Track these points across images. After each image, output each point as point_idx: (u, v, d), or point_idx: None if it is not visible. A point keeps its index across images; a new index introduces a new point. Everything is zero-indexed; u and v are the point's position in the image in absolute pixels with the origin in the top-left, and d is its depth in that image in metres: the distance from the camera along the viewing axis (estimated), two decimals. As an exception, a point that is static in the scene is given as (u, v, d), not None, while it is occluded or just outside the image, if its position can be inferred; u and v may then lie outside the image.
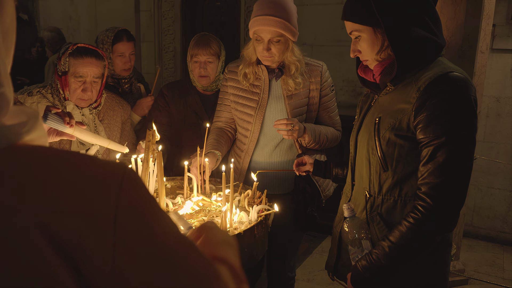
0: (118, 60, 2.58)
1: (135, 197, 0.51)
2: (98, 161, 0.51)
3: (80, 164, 0.50)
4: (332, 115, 2.24)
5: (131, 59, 2.63)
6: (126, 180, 0.50)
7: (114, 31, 2.56)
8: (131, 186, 0.50)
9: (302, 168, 1.98)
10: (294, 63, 2.07)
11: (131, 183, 0.50)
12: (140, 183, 0.52)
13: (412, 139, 1.39)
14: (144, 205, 0.51)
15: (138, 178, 0.53)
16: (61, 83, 2.04)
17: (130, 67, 2.63)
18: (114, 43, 2.55)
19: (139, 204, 0.50)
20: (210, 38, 2.44)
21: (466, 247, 3.86)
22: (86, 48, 2.04)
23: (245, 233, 1.52)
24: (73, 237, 0.45)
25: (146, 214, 0.51)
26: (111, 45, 2.54)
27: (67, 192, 0.47)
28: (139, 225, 0.50)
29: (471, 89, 1.35)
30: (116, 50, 2.56)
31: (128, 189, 0.50)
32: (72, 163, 0.50)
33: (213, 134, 2.25)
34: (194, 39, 2.46)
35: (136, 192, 0.51)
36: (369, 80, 1.59)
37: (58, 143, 2.04)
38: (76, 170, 0.49)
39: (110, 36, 2.54)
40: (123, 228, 0.47)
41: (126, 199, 0.49)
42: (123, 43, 2.56)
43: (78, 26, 5.69)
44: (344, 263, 1.63)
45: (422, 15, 1.40)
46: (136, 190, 0.51)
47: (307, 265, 3.55)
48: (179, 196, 1.91)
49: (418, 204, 1.36)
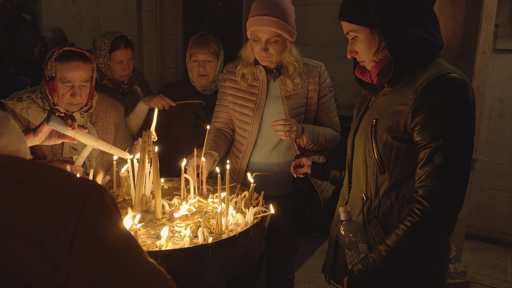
0: (116, 66, 2.57)
1: (96, 223, 0.48)
2: (62, 186, 0.49)
3: (41, 186, 0.47)
4: (331, 115, 2.23)
5: (129, 65, 2.62)
6: (89, 206, 0.47)
7: (112, 38, 2.52)
8: (92, 213, 0.48)
9: (299, 170, 1.96)
10: (292, 63, 2.06)
11: (94, 209, 0.48)
12: (104, 209, 0.50)
13: (409, 141, 1.37)
14: (105, 234, 0.49)
15: (102, 203, 0.50)
16: (49, 88, 1.99)
17: (128, 72, 2.63)
18: (112, 50, 2.53)
19: (99, 232, 0.48)
20: (209, 37, 2.44)
21: (468, 249, 3.83)
22: (72, 51, 1.98)
23: (240, 235, 1.51)
24: (15, 261, 0.42)
25: (106, 242, 0.49)
26: (109, 53, 2.52)
27: (20, 214, 0.45)
28: (98, 253, 0.47)
29: (469, 90, 1.33)
30: (114, 57, 2.54)
31: (89, 216, 0.47)
32: (33, 182, 0.47)
33: (211, 135, 2.24)
34: (193, 38, 2.46)
35: (98, 218, 0.48)
36: (366, 81, 1.57)
37: (50, 148, 2.02)
38: (35, 191, 0.46)
39: (108, 43, 2.52)
40: (79, 256, 0.45)
41: (85, 227, 0.46)
42: (120, 51, 2.54)
43: (80, 26, 5.70)
44: (341, 266, 1.61)
45: (419, 15, 1.38)
46: (97, 217, 0.48)
47: (308, 267, 3.53)
48: (175, 197, 1.90)
49: (415, 207, 1.34)
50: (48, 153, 2.03)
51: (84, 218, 0.48)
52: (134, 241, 0.54)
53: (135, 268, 0.51)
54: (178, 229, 1.61)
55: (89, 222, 0.48)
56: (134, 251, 0.53)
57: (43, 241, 0.44)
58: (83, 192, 0.49)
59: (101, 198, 0.50)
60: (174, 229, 1.61)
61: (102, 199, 0.50)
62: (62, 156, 2.05)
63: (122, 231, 0.52)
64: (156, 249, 1.41)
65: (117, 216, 0.51)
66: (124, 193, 1.95)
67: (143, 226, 1.63)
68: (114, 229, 0.51)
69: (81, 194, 0.49)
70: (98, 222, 0.49)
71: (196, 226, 1.60)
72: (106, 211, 0.50)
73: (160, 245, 1.43)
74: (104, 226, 0.50)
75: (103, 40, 2.54)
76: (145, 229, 1.60)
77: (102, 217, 0.50)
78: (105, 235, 0.49)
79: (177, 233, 1.58)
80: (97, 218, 0.49)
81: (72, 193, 0.49)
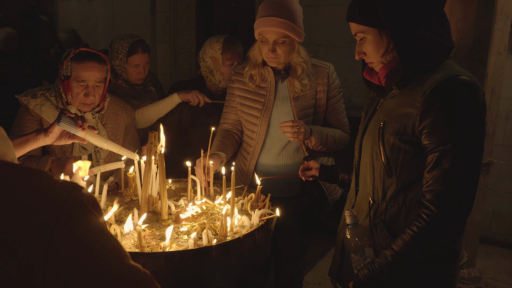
0: (132, 70, 2.60)
1: (74, 228, 0.47)
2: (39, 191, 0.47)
3: (21, 190, 0.47)
4: (340, 117, 2.20)
5: (145, 69, 2.64)
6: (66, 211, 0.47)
7: (130, 42, 2.55)
8: (70, 217, 0.47)
9: (307, 173, 1.94)
10: (300, 64, 2.04)
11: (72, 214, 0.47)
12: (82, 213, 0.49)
13: (417, 145, 1.35)
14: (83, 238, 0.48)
15: (80, 207, 0.49)
16: (64, 87, 2.05)
17: (144, 76, 2.66)
18: (130, 54, 2.55)
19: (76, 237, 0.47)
20: (237, 41, 2.57)
21: (483, 254, 3.75)
22: (88, 52, 2.04)
23: (245, 238, 1.50)
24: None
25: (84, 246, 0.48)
26: (126, 56, 2.55)
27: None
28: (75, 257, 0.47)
29: (479, 93, 1.29)
30: (131, 61, 2.57)
31: (66, 221, 0.47)
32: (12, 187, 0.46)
33: (218, 136, 2.24)
34: (226, 42, 2.53)
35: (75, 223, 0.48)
36: (374, 83, 1.55)
37: (60, 147, 2.05)
38: (12, 196, 0.46)
39: (126, 46, 2.54)
40: (55, 260, 0.45)
41: (62, 232, 0.46)
42: (138, 55, 2.57)
43: (95, 27, 5.76)
44: (347, 270, 1.59)
45: (429, 16, 1.35)
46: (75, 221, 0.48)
47: (318, 269, 3.50)
48: (182, 199, 1.89)
49: (422, 212, 1.31)
50: (58, 151, 2.06)
51: (61, 223, 0.47)
52: (116, 244, 0.53)
53: (116, 272, 0.51)
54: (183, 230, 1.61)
55: (66, 227, 0.48)
56: (116, 254, 0.52)
57: (18, 247, 0.44)
58: (61, 197, 0.48)
59: (79, 201, 0.50)
60: (179, 230, 1.61)
61: (80, 202, 0.50)
62: (71, 155, 2.08)
63: (102, 234, 0.51)
64: (160, 250, 1.41)
65: (96, 219, 0.51)
66: (132, 193, 1.95)
67: (149, 227, 1.63)
68: (94, 233, 0.50)
69: (59, 199, 0.48)
70: (76, 227, 0.49)
71: (201, 227, 1.60)
72: (84, 214, 0.50)
73: (164, 246, 1.43)
74: (82, 230, 0.49)
75: (121, 43, 2.56)
76: (150, 230, 1.60)
77: (80, 221, 0.49)
78: (83, 239, 0.49)
79: (182, 234, 1.58)
80: (74, 223, 0.49)
81: (50, 198, 0.48)
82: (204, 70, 2.57)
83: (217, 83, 2.56)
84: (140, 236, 1.39)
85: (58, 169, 1.88)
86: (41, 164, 1.94)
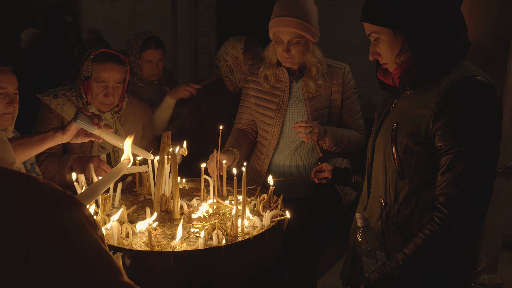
0: (145, 66, 2.65)
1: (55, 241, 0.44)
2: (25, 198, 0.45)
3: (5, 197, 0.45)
4: (355, 118, 2.17)
5: (159, 65, 2.68)
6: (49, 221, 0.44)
7: (143, 38, 2.61)
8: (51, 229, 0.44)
9: (320, 175, 1.92)
10: (315, 64, 2.03)
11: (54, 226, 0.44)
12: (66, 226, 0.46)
13: (430, 146, 1.32)
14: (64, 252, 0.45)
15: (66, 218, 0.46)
16: (84, 87, 2.09)
17: (157, 73, 2.69)
18: (143, 50, 2.61)
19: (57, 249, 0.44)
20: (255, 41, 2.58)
21: (506, 260, 3.63)
22: (108, 53, 2.08)
23: (255, 239, 1.49)
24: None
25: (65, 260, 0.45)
26: (139, 52, 2.61)
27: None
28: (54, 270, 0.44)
29: (495, 94, 1.26)
30: (144, 56, 2.62)
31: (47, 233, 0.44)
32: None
33: (233, 134, 2.24)
34: (248, 43, 2.53)
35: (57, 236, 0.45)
36: (388, 83, 1.52)
37: (79, 145, 2.09)
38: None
39: (139, 42, 2.61)
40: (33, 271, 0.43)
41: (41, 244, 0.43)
42: (151, 51, 2.62)
43: (118, 27, 5.86)
44: (358, 273, 1.57)
45: (444, 16, 1.32)
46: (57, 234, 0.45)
47: (334, 272, 3.46)
48: (195, 198, 1.90)
49: (435, 215, 1.29)
50: (78, 150, 2.11)
51: (42, 235, 0.45)
52: (106, 259, 0.50)
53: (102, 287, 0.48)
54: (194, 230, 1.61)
55: (46, 239, 0.45)
56: (104, 269, 0.49)
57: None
58: (46, 206, 0.46)
59: (65, 212, 0.47)
60: (190, 230, 1.62)
61: (67, 213, 0.47)
62: (90, 153, 2.12)
63: (89, 248, 0.48)
64: (170, 250, 1.42)
65: (84, 232, 0.47)
66: (146, 192, 1.97)
67: (160, 226, 1.64)
68: (78, 247, 0.47)
69: (43, 209, 0.46)
70: (57, 240, 0.46)
71: (212, 227, 1.60)
72: (69, 227, 0.47)
73: (174, 246, 1.44)
74: (63, 244, 0.46)
75: (135, 40, 2.64)
76: (162, 229, 1.62)
77: (64, 234, 0.46)
78: (64, 253, 0.46)
79: (193, 234, 1.59)
80: (56, 236, 0.46)
81: (34, 206, 0.46)
82: (224, 70, 2.58)
83: (237, 82, 2.57)
84: (150, 235, 1.40)
85: (79, 167, 1.92)
86: (63, 161, 1.98)
